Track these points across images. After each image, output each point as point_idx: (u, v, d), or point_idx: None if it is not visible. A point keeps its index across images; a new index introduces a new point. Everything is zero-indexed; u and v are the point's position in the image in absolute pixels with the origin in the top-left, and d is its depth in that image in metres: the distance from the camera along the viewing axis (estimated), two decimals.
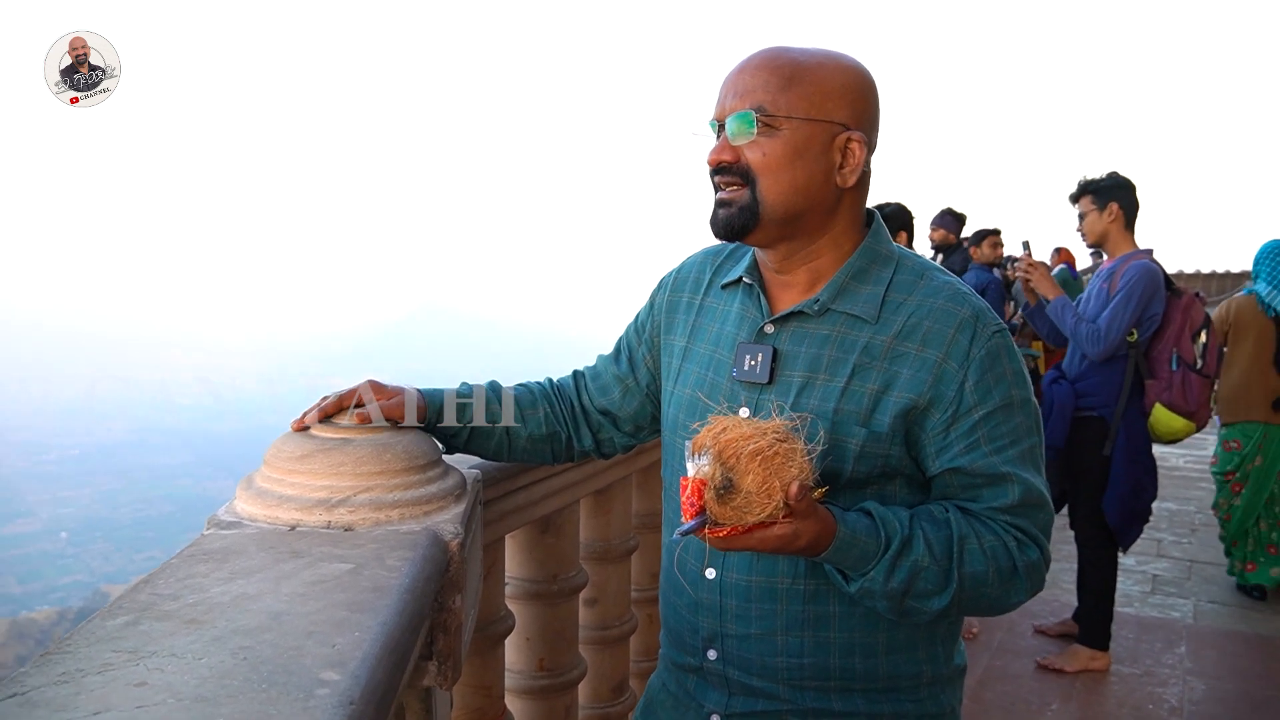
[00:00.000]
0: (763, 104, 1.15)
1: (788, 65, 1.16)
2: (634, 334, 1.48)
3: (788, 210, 1.18)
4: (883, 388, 1.17)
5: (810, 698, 1.23)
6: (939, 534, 1.13)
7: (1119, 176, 3.47)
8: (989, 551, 1.14)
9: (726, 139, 1.19)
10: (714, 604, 1.25)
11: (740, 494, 1.04)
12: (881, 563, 1.11)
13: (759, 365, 1.22)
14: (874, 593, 1.12)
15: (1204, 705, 3.29)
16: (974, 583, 1.14)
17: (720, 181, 1.20)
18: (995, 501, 1.16)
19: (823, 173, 1.18)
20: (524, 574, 1.88)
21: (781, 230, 1.20)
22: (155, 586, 0.91)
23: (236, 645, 0.80)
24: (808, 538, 1.06)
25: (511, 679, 1.85)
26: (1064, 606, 4.09)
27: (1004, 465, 1.16)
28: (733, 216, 1.19)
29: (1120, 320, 3.32)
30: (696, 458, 1.06)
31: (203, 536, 1.10)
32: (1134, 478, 3.42)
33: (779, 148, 1.16)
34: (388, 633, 0.85)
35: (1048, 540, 1.20)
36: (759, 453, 1.03)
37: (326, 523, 1.14)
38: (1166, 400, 3.36)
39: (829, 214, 1.21)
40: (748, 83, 1.17)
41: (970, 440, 1.16)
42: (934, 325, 1.17)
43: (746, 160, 1.17)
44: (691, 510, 1.05)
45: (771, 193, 1.17)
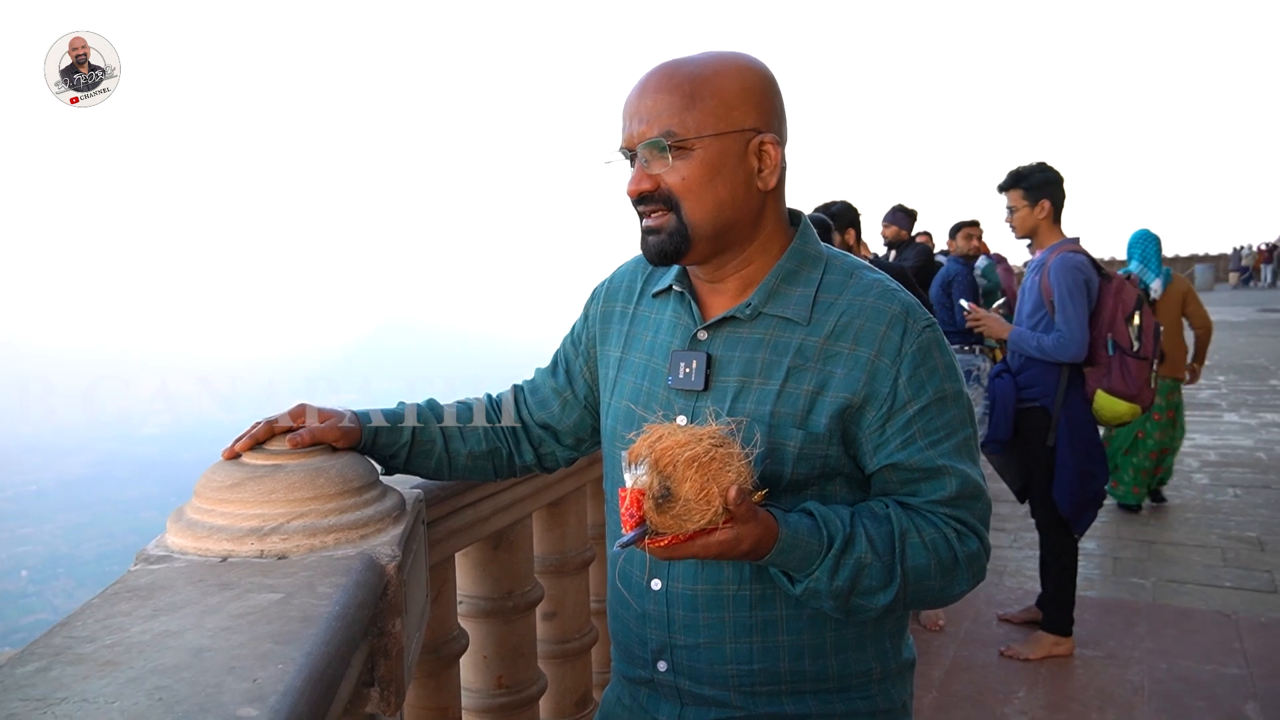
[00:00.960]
0: (670, 128, 1.15)
1: (686, 82, 1.15)
2: (570, 346, 1.47)
3: (716, 227, 1.19)
4: (818, 388, 1.17)
5: (763, 703, 1.23)
6: (880, 530, 1.14)
7: (1050, 171, 3.54)
8: (930, 544, 1.15)
9: (641, 167, 1.18)
10: (661, 615, 1.25)
11: (679, 502, 1.03)
12: (825, 562, 1.11)
13: (694, 372, 1.22)
14: (819, 592, 1.13)
15: (1165, 683, 3.34)
16: (917, 576, 1.15)
17: (644, 210, 1.20)
18: (934, 495, 1.17)
19: (743, 182, 1.18)
20: (477, 591, 1.87)
21: (714, 246, 1.21)
22: (72, 629, 0.88)
23: (153, 685, 0.77)
24: (750, 541, 1.06)
25: (469, 698, 1.84)
26: (1028, 594, 4.15)
27: (940, 458, 1.17)
28: (663, 243, 1.19)
29: (1076, 317, 3.38)
30: (633, 468, 1.05)
31: (129, 573, 1.07)
32: (1079, 465, 3.47)
33: (695, 169, 1.16)
34: (312, 664, 0.84)
35: (987, 530, 1.21)
36: (695, 459, 1.03)
37: (259, 552, 1.11)
38: (1107, 386, 3.40)
39: (756, 220, 1.22)
40: (650, 107, 1.16)
41: (906, 435, 1.17)
42: (865, 323, 1.18)
43: (667, 185, 1.17)
44: (631, 521, 1.04)
45: (697, 214, 1.17)
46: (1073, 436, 3.46)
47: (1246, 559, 4.66)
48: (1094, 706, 3.20)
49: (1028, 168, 3.56)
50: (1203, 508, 5.61)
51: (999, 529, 5.17)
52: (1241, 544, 4.88)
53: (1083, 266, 3.41)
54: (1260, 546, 4.84)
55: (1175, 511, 5.55)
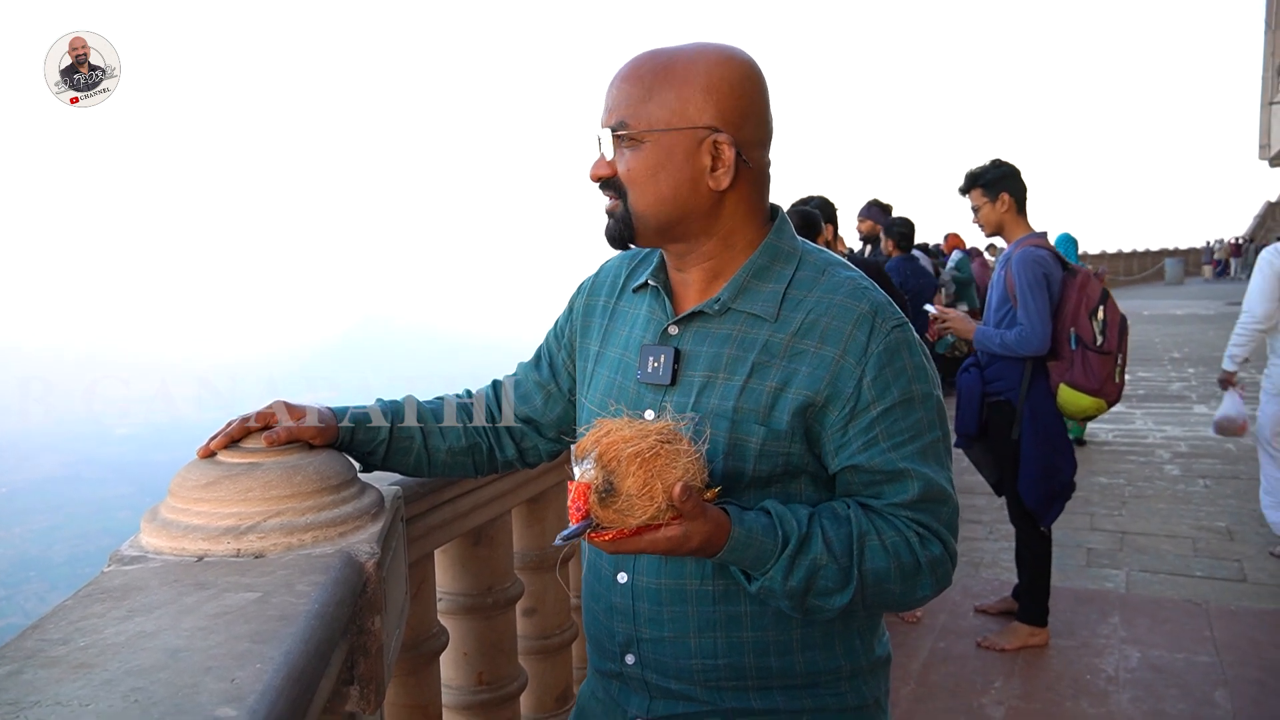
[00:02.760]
0: (624, 119, 1.16)
1: (650, 74, 1.16)
2: (554, 340, 1.47)
3: (659, 220, 1.19)
4: (781, 385, 1.16)
5: (729, 698, 1.23)
6: (839, 531, 1.12)
7: (1004, 165, 3.58)
8: (890, 548, 1.13)
9: (601, 153, 1.20)
10: (627, 608, 1.25)
11: (621, 497, 1.03)
12: (780, 562, 1.10)
13: (661, 366, 1.22)
14: (774, 592, 1.12)
15: (1138, 672, 3.39)
16: (876, 579, 1.13)
17: (604, 193, 1.22)
18: (896, 498, 1.15)
19: (690, 180, 1.17)
20: (457, 588, 1.86)
21: (660, 237, 1.22)
22: (44, 632, 0.87)
23: (129, 687, 0.76)
24: (699, 539, 1.05)
25: (450, 695, 1.83)
26: (1004, 586, 4.19)
27: (902, 461, 1.15)
28: (611, 228, 1.22)
29: (1036, 311, 3.41)
30: (581, 461, 1.06)
31: (103, 574, 1.06)
32: (1043, 458, 3.50)
33: (640, 161, 1.17)
34: (291, 662, 0.83)
35: (953, 535, 1.19)
36: (639, 454, 1.03)
37: (235, 551, 1.10)
38: (1070, 380, 3.41)
39: (708, 217, 1.21)
40: (614, 96, 1.18)
41: (869, 437, 1.15)
42: (832, 322, 1.16)
43: (617, 173, 1.19)
44: (577, 514, 1.05)
45: (640, 204, 1.19)
46: (1036, 430, 3.49)
47: (1217, 549, 4.74)
48: (1068, 695, 3.24)
49: (981, 167, 3.61)
50: (1174, 498, 5.70)
51: (975, 521, 5.22)
52: (1212, 534, 4.97)
53: (1043, 260, 3.43)
54: (1230, 536, 4.92)
55: (1147, 503, 5.63)
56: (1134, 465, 6.56)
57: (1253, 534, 4.93)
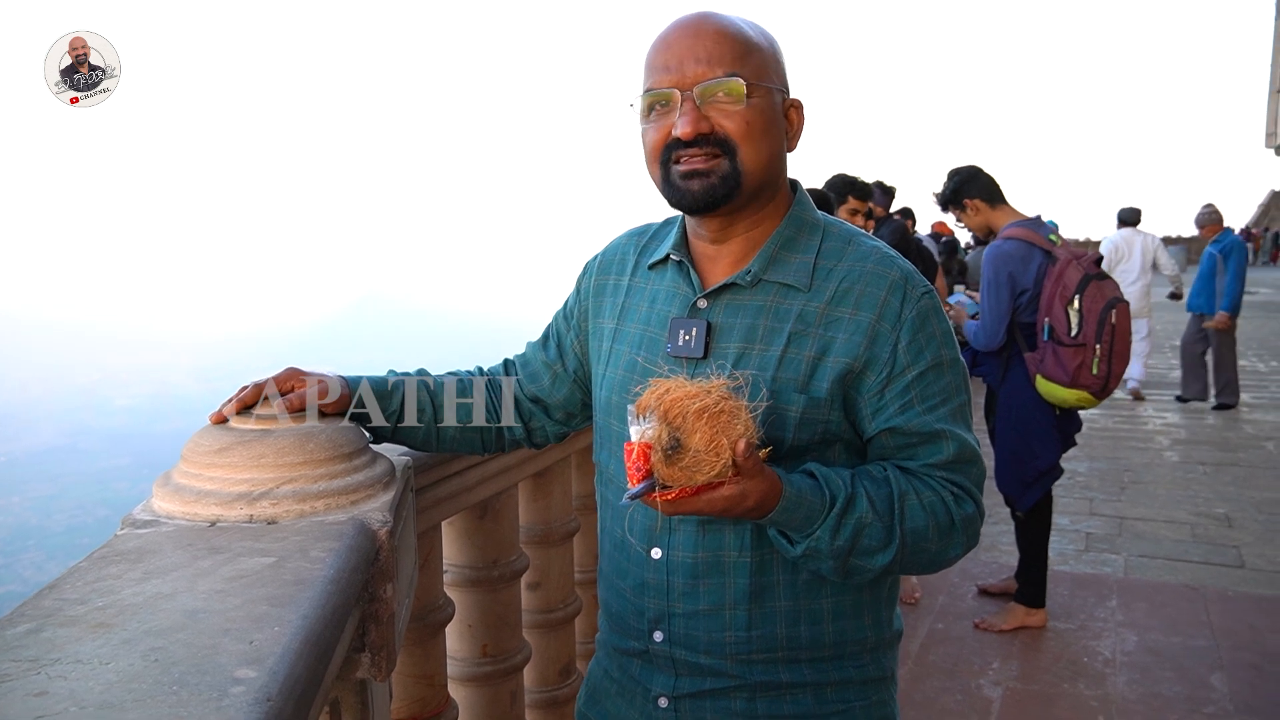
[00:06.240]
0: (737, 71, 1.14)
1: (737, 33, 1.16)
2: (562, 320, 1.46)
3: (762, 179, 1.19)
4: (819, 353, 1.17)
5: (758, 671, 1.23)
6: (880, 491, 1.14)
7: (958, 173, 3.60)
8: (928, 507, 1.16)
9: (695, 108, 1.15)
10: (660, 583, 1.25)
11: (688, 453, 1.03)
12: (827, 521, 1.11)
13: (694, 339, 1.22)
14: (820, 552, 1.13)
15: (1135, 655, 3.42)
16: (915, 538, 1.15)
17: (691, 153, 1.17)
18: (931, 458, 1.18)
19: (780, 141, 1.21)
20: (463, 560, 1.86)
21: (751, 199, 1.21)
22: (61, 591, 0.87)
23: (148, 647, 0.77)
24: (756, 497, 1.06)
25: (454, 666, 1.84)
26: (1003, 568, 4.22)
27: (938, 423, 1.17)
28: (714, 187, 1.17)
29: (989, 309, 3.43)
30: (640, 420, 1.04)
31: (116, 537, 1.06)
32: (1013, 445, 3.51)
33: (757, 116, 1.16)
34: (309, 626, 0.83)
35: (981, 494, 1.22)
36: (705, 410, 1.02)
37: (248, 516, 1.10)
38: (1043, 371, 3.38)
39: (776, 183, 1.24)
40: (710, 50, 1.15)
41: (905, 400, 1.17)
42: (866, 289, 1.18)
43: (723, 129, 1.16)
44: (638, 475, 1.03)
45: (751, 161, 1.17)
46: (1009, 417, 3.51)
47: (1215, 535, 4.76)
48: (1065, 677, 3.27)
49: (941, 187, 3.65)
50: (1173, 485, 5.72)
51: None
52: (1210, 520, 4.99)
53: (1008, 256, 3.40)
54: (1228, 523, 4.94)
55: (1146, 488, 5.65)
56: (1133, 451, 6.58)
57: (1251, 520, 4.95)
